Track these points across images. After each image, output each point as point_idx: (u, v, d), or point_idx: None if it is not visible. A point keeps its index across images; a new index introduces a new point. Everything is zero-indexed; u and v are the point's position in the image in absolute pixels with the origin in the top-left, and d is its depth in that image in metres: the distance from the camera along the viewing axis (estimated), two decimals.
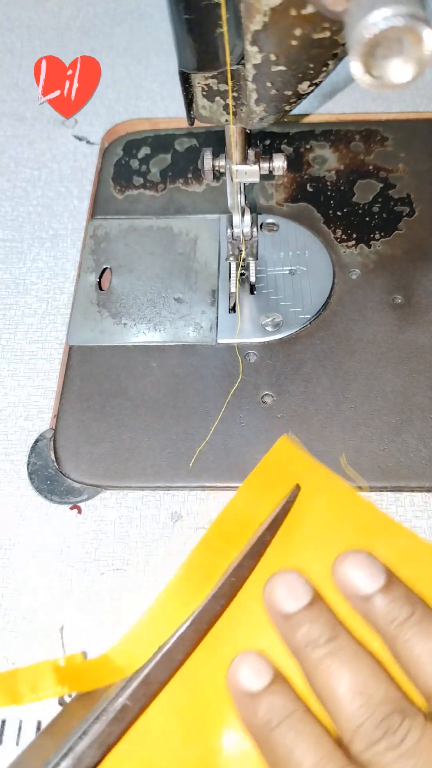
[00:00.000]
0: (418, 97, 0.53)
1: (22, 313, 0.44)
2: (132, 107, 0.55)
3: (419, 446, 0.38)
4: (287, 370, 0.41)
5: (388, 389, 0.40)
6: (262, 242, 0.46)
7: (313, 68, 0.27)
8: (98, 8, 0.62)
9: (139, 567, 0.35)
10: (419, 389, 0.40)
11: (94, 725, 0.29)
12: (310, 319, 0.43)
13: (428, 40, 0.19)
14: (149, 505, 0.37)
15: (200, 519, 0.36)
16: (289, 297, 0.44)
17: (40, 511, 0.37)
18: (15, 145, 0.53)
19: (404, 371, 0.40)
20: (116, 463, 0.38)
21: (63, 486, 0.38)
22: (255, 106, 0.30)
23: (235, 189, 0.38)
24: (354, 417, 0.39)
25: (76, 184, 0.50)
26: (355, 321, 0.43)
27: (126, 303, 0.44)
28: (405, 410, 0.39)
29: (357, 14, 0.19)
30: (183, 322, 0.43)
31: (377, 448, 0.38)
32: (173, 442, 0.39)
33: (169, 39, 0.27)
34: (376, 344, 0.42)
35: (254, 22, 0.25)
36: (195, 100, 0.31)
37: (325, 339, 0.42)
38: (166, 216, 0.48)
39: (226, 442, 0.38)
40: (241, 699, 0.29)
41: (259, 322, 0.43)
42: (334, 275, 0.45)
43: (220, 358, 0.42)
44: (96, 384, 0.41)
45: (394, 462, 0.37)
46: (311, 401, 0.40)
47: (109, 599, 0.34)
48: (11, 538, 0.36)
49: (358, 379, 0.40)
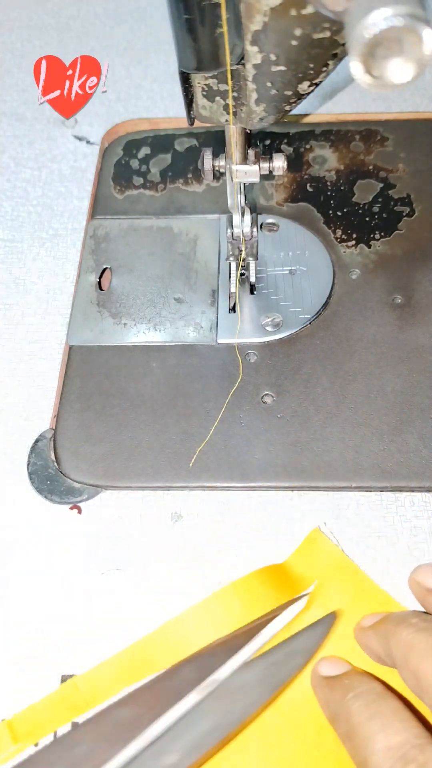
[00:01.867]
0: (418, 97, 0.53)
1: (22, 313, 0.44)
2: (132, 107, 0.55)
3: (419, 446, 0.38)
4: (287, 369, 0.41)
5: (388, 389, 0.40)
6: (262, 242, 0.46)
7: (313, 68, 0.27)
8: (98, 8, 0.62)
9: (139, 567, 0.35)
10: (419, 389, 0.40)
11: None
12: (310, 319, 0.43)
13: (428, 40, 0.19)
14: (149, 505, 0.37)
15: (200, 519, 0.36)
16: (289, 297, 0.44)
17: (40, 511, 0.37)
18: (15, 145, 0.53)
19: (404, 371, 0.40)
20: (116, 463, 0.38)
21: (63, 486, 0.38)
22: (255, 106, 0.30)
23: (235, 189, 0.38)
24: (354, 417, 0.39)
25: (76, 184, 0.50)
26: (355, 321, 0.43)
27: (126, 303, 0.44)
28: (405, 410, 0.39)
29: (357, 14, 0.19)
30: (183, 322, 0.43)
31: (377, 448, 0.38)
32: (173, 442, 0.38)
33: (169, 39, 0.27)
34: (376, 344, 0.42)
35: (254, 22, 0.25)
36: (195, 100, 0.31)
37: (325, 339, 0.42)
38: (166, 216, 0.48)
39: (226, 442, 0.38)
40: (320, 683, 0.30)
41: (259, 322, 0.43)
42: (334, 275, 0.45)
43: (220, 358, 0.42)
44: (96, 384, 0.41)
45: (394, 462, 0.37)
46: (311, 401, 0.39)
47: (109, 599, 0.34)
48: (11, 538, 0.36)
49: (358, 379, 0.40)
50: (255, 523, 0.36)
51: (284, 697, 0.31)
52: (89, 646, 0.33)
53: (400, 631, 0.29)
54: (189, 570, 0.35)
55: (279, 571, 0.35)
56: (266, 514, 0.37)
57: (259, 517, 0.36)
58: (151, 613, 0.33)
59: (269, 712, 0.31)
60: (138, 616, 0.33)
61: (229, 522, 0.36)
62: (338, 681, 0.29)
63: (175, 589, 0.34)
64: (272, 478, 0.37)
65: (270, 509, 0.37)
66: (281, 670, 0.31)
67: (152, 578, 0.35)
